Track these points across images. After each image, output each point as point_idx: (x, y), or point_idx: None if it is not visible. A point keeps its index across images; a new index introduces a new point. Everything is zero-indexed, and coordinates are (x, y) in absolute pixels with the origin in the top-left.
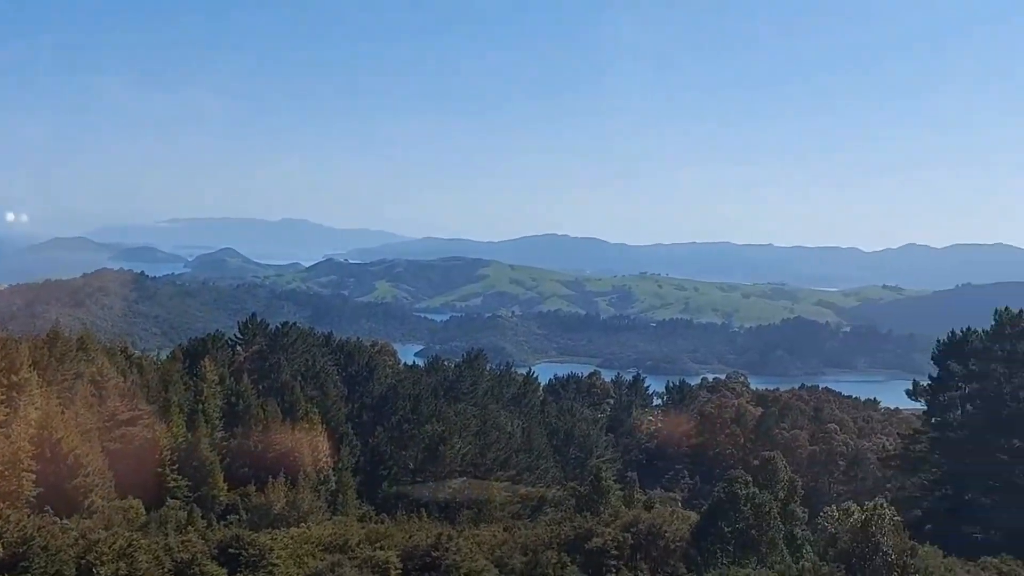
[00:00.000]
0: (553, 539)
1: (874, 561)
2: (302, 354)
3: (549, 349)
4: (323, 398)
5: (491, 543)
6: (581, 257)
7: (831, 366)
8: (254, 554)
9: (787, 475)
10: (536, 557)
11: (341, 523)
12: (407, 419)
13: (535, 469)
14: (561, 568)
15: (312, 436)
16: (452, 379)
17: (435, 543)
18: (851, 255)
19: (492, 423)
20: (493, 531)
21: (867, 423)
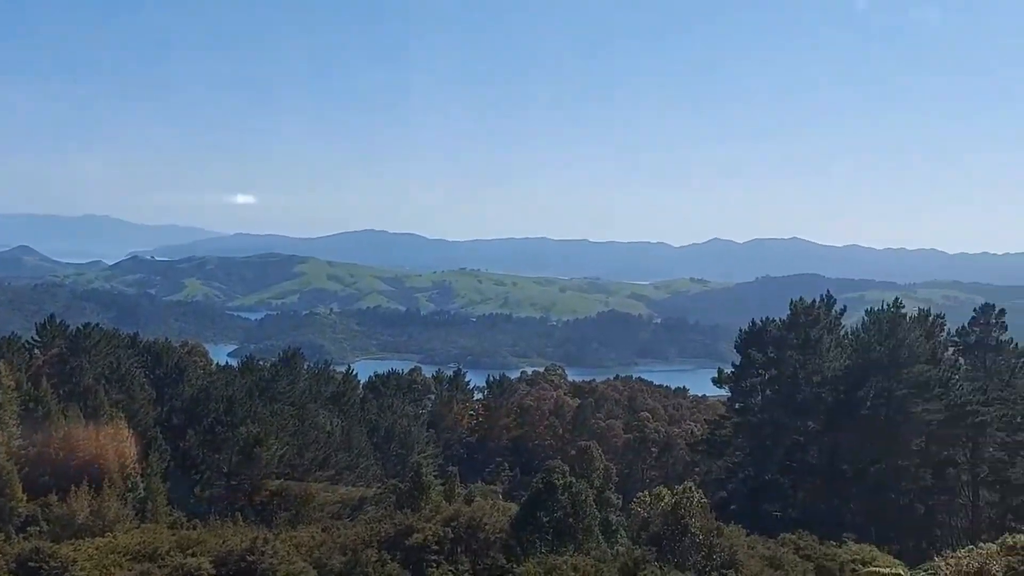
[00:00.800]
0: (373, 537)
1: (683, 542)
2: (106, 356)
3: (369, 346)
4: (129, 402)
5: (309, 544)
6: (400, 253)
7: (644, 356)
8: (56, 567)
9: (602, 463)
10: (356, 556)
11: (150, 531)
12: (220, 421)
13: (355, 468)
14: (381, 566)
15: (118, 441)
16: (268, 379)
17: (250, 547)
18: (661, 250)
19: (310, 423)
20: (311, 532)
21: (677, 410)
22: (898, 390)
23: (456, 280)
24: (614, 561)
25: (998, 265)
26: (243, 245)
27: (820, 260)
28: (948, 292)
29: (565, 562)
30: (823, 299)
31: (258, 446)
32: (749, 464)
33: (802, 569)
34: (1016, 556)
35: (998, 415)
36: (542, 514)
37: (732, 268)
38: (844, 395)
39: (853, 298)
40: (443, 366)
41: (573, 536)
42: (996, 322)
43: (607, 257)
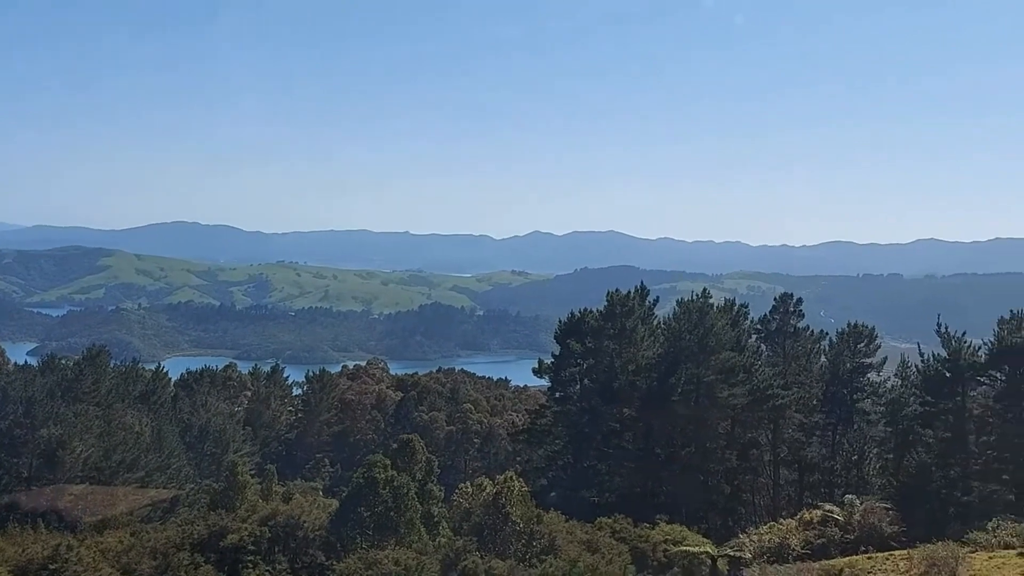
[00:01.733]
0: (185, 540)
1: (504, 531)
2: None
3: (181, 342)
4: None
5: (117, 550)
6: (214, 246)
7: (466, 348)
8: None
9: (425, 456)
10: (167, 560)
11: None
12: (19, 424)
13: (167, 469)
14: (194, 569)
15: None
16: (71, 378)
17: (52, 555)
18: (483, 242)
19: (117, 423)
20: (119, 536)
21: (499, 401)
22: (706, 376)
23: (273, 273)
24: (436, 553)
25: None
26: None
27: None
28: (752, 282)
29: (387, 556)
30: (638, 290)
31: (61, 449)
32: (568, 452)
33: (617, 551)
34: (812, 530)
35: (796, 398)
36: (363, 509)
37: (552, 260)
38: (657, 382)
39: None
40: (260, 362)
41: (395, 530)
42: (794, 310)
43: (429, 249)
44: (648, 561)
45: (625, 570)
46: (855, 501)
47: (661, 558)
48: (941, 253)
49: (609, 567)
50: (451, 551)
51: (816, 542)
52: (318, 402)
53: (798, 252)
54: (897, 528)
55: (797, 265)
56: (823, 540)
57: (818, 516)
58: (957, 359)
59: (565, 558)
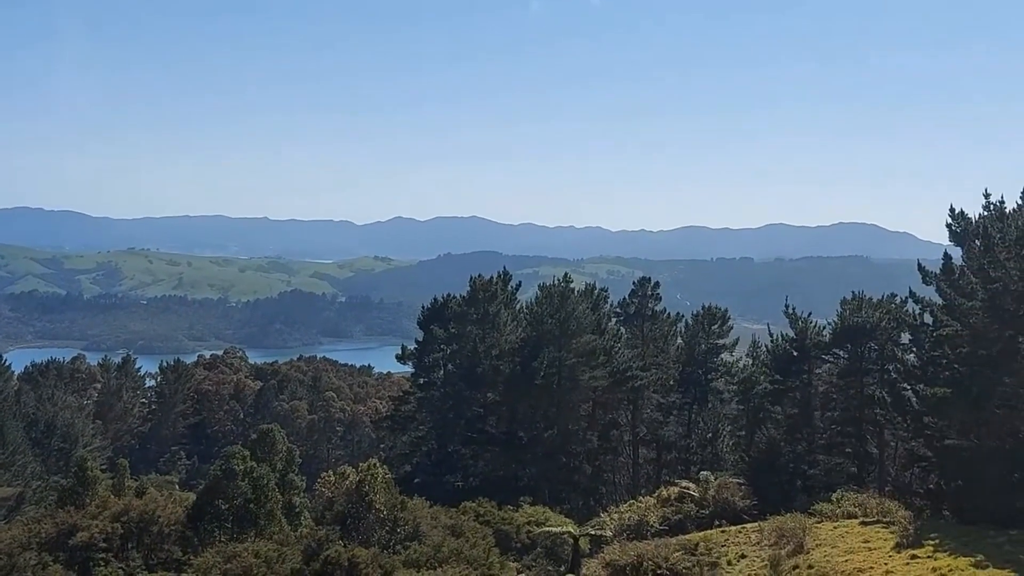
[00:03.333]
0: (32, 539)
1: (367, 518)
2: None
3: (25, 334)
4: None
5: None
6: (59, 232)
7: (329, 336)
8: None
9: (285, 445)
10: (12, 560)
11: None
12: None
13: (11, 466)
14: (42, 568)
15: None
16: None
17: None
18: (344, 228)
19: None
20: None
21: (363, 388)
22: (568, 359)
23: (124, 261)
24: (297, 543)
25: (654, 241)
26: None
27: (498, 238)
28: (612, 267)
29: (246, 549)
30: (500, 275)
31: None
32: (433, 437)
33: (482, 535)
34: (670, 507)
35: (654, 379)
36: (221, 502)
37: (415, 246)
38: (520, 366)
39: (528, 274)
40: (110, 353)
41: (255, 522)
42: (652, 294)
43: (289, 236)
44: (512, 543)
45: (489, 553)
46: (710, 477)
47: (525, 539)
48: (789, 237)
49: (473, 551)
50: (313, 541)
51: (673, 518)
52: (173, 393)
53: (656, 237)
54: (749, 502)
55: (655, 250)
56: (680, 516)
57: (675, 493)
58: (803, 339)
59: (429, 544)
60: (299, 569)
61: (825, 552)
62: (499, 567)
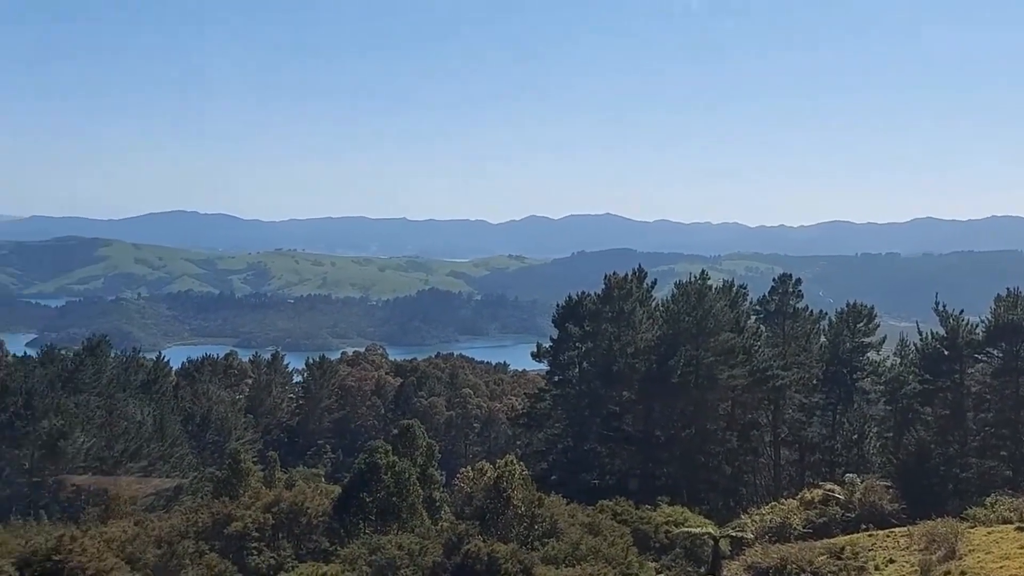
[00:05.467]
0: (190, 528)
1: (506, 514)
2: None
3: (182, 331)
4: None
5: (121, 539)
6: (213, 234)
7: (465, 333)
8: None
9: (425, 441)
10: (171, 548)
11: None
12: (19, 415)
13: (169, 458)
14: (199, 557)
15: None
16: (71, 369)
17: (56, 546)
18: (479, 227)
19: (119, 413)
20: (123, 526)
21: (498, 386)
22: (706, 358)
23: (272, 261)
24: (438, 537)
25: (794, 237)
26: (40, 228)
27: (632, 235)
28: (750, 263)
29: (390, 541)
30: (635, 272)
31: (62, 440)
32: (568, 435)
33: (620, 533)
34: (814, 509)
35: (796, 378)
36: (365, 495)
37: (549, 244)
38: (656, 364)
39: (663, 271)
40: (260, 349)
41: (397, 515)
42: (793, 291)
43: (426, 235)
44: (650, 543)
45: (627, 552)
46: (856, 480)
47: (663, 539)
48: (938, 232)
49: (611, 549)
50: (453, 535)
51: (818, 521)
52: (318, 389)
53: (796, 233)
54: (897, 506)
55: (795, 246)
56: (824, 519)
57: (819, 495)
58: (955, 337)
59: (567, 541)
60: (440, 562)
61: (978, 558)
62: (638, 566)
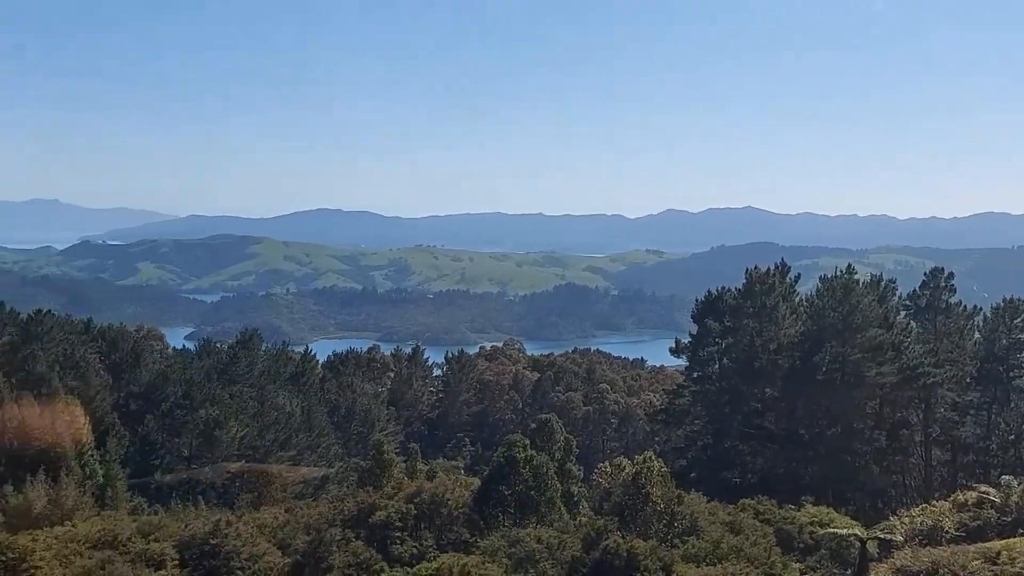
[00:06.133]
0: (336, 516)
1: (645, 511)
2: (59, 343)
3: (327, 326)
4: (85, 388)
5: (273, 525)
6: (356, 231)
7: (601, 328)
8: (13, 558)
9: (563, 436)
10: (320, 535)
11: (110, 518)
12: (179, 405)
13: (316, 448)
14: (345, 544)
15: (74, 429)
16: (226, 361)
17: (213, 530)
18: (616, 222)
19: (270, 404)
20: (274, 513)
21: (636, 381)
22: (852, 355)
23: (412, 257)
24: (577, 531)
25: (947, 229)
26: (196, 227)
27: (774, 228)
28: (899, 257)
29: (529, 534)
30: (778, 267)
31: (218, 429)
32: (708, 432)
33: (762, 532)
34: (967, 512)
35: (948, 376)
36: (504, 488)
37: (687, 238)
38: (800, 361)
39: (807, 265)
40: (402, 343)
41: (536, 508)
42: (945, 285)
43: (563, 230)
44: (794, 543)
45: (770, 552)
46: (1012, 482)
47: (808, 540)
48: None
49: (753, 549)
50: (592, 530)
51: (971, 524)
52: (457, 383)
53: (948, 224)
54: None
55: (947, 238)
56: (979, 523)
57: (973, 498)
58: None
59: (708, 539)
60: (579, 557)
61: None
62: (781, 567)
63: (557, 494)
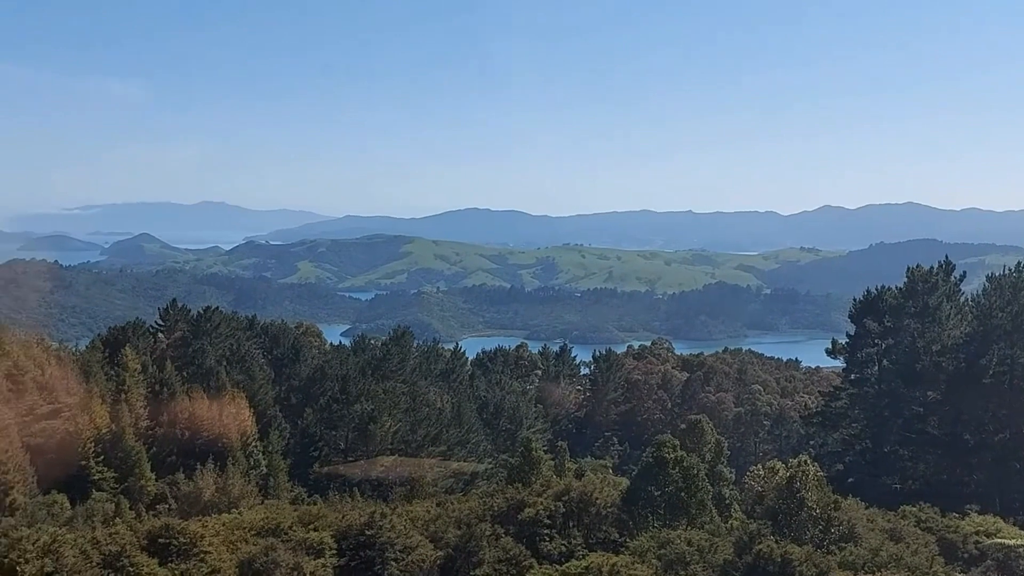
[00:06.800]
0: (486, 511)
1: (799, 516)
2: (226, 339)
3: (476, 323)
4: (249, 382)
5: (425, 518)
6: (504, 230)
7: (753, 328)
8: (185, 543)
9: (714, 437)
10: (470, 530)
11: (273, 507)
12: (336, 399)
13: (466, 443)
14: (495, 539)
15: (240, 421)
16: (380, 357)
17: (369, 521)
18: (769, 219)
19: (421, 399)
20: (426, 507)
21: (789, 382)
22: (1022, 357)
23: (560, 256)
24: (729, 535)
25: None
26: (352, 227)
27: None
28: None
29: (679, 536)
30: (941, 265)
31: (372, 423)
32: (866, 436)
33: (924, 541)
34: None
35: None
36: (653, 488)
37: (844, 236)
38: (965, 363)
39: (973, 263)
40: (549, 342)
41: (686, 510)
42: None
43: (713, 228)
44: (958, 553)
45: (932, 561)
46: None
47: (972, 550)
48: None
49: (914, 558)
50: (745, 534)
51: None
52: (605, 382)
53: None
54: None
55: None
56: None
57: None
58: None
59: (866, 546)
60: (731, 561)
61: None
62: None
63: (708, 496)
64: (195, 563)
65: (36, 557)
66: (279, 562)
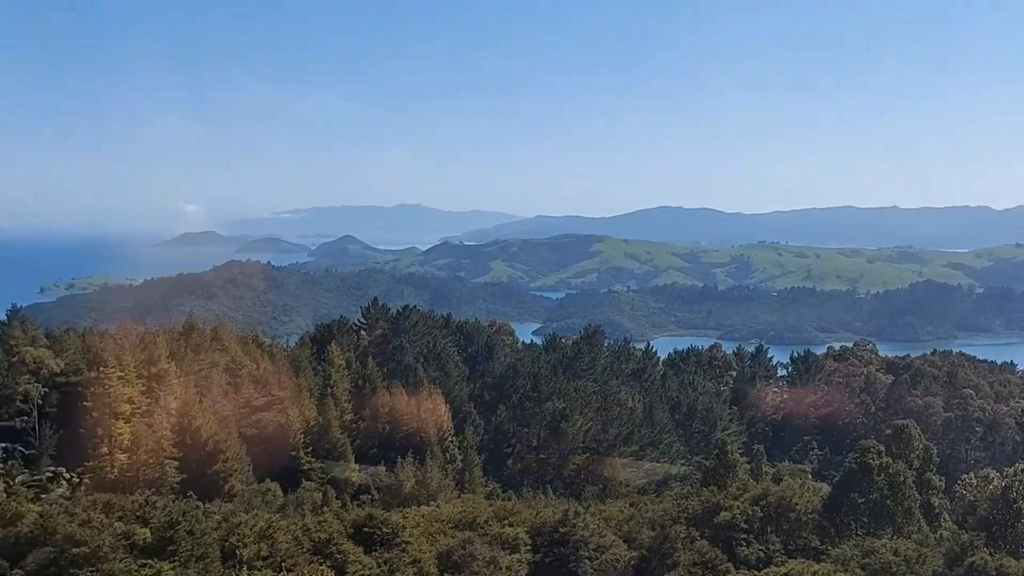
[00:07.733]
0: (681, 514)
1: (1016, 528)
2: (423, 336)
3: (667, 323)
4: (445, 379)
5: (618, 518)
6: (696, 228)
7: (964, 329)
8: (388, 532)
9: (921, 443)
10: (664, 532)
11: (469, 501)
12: (528, 397)
13: (658, 444)
14: (690, 542)
15: (436, 416)
16: (571, 356)
17: (562, 519)
18: (981, 214)
19: (613, 399)
20: (619, 507)
21: (1004, 387)
22: None
23: (754, 254)
24: (938, 546)
25: None
26: (543, 227)
27: None
28: None
29: (884, 545)
30: None
31: (564, 421)
32: None
33: None
34: None
35: None
36: (857, 495)
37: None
38: None
39: None
40: (743, 342)
41: (891, 519)
42: None
43: (919, 224)
44: None
45: None
46: None
47: None
48: None
49: None
50: (956, 545)
51: None
52: (804, 384)
53: None
54: None
55: None
56: None
57: None
58: None
59: None
60: (940, 573)
61: None
62: None
63: (915, 505)
64: (397, 552)
65: (253, 542)
66: (476, 555)
